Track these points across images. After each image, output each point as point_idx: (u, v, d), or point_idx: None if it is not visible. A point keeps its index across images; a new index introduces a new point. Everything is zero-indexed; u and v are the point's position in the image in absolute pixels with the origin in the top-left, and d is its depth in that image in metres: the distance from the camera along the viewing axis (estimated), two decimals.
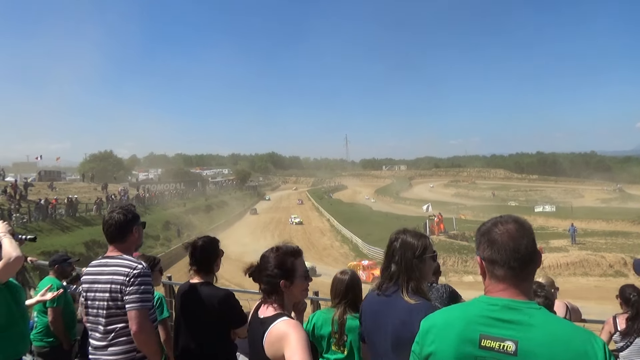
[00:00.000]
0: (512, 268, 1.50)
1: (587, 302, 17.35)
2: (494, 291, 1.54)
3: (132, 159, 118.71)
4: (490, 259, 1.55)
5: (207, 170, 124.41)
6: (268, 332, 2.14)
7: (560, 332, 1.40)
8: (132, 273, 2.70)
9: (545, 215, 57.95)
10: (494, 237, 1.54)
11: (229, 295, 3.05)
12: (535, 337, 1.39)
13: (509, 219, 1.58)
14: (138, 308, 2.66)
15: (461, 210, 64.74)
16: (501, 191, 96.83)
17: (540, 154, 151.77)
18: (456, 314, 1.58)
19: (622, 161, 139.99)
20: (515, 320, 1.44)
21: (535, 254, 1.54)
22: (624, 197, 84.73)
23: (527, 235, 1.53)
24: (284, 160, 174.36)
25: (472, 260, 31.33)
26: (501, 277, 1.52)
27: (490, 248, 1.54)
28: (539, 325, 1.41)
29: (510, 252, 1.50)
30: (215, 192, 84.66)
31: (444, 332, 1.55)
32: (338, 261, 36.68)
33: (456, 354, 1.49)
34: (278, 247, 2.31)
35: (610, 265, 30.06)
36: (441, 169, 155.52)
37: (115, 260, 2.80)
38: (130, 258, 2.81)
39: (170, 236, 46.05)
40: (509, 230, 1.53)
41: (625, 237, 40.12)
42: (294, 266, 2.25)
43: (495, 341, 1.43)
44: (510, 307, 1.46)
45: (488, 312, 1.48)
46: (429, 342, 1.58)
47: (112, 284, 2.71)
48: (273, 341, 2.11)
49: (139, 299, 2.68)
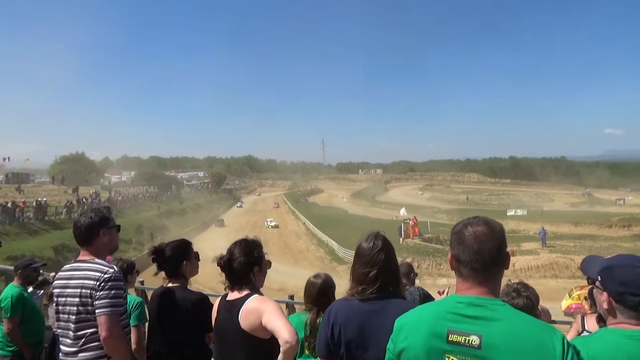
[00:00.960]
0: (474, 269, 1.61)
1: (556, 303, 17.75)
2: (461, 289, 1.66)
3: (105, 161, 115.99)
4: (457, 257, 1.67)
5: (182, 173, 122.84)
6: (243, 309, 2.41)
7: (522, 326, 1.50)
8: (103, 277, 2.64)
9: (517, 218, 59.06)
10: (462, 238, 1.65)
11: (203, 299, 3.00)
12: (498, 331, 1.49)
13: (480, 221, 1.67)
14: (108, 313, 2.61)
15: (436, 214, 65.51)
16: (475, 195, 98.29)
17: (512, 158, 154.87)
18: (427, 311, 1.69)
19: (590, 166, 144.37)
20: (480, 316, 1.54)
21: (501, 257, 1.63)
22: (592, 201, 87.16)
23: (495, 239, 1.62)
24: (260, 164, 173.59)
25: (446, 264, 31.66)
26: (465, 276, 1.65)
27: (458, 247, 1.66)
28: (502, 320, 1.51)
29: (473, 253, 1.61)
30: (190, 195, 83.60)
31: (415, 329, 1.65)
32: (314, 265, 36.58)
33: (426, 348, 1.59)
34: (245, 239, 2.66)
35: (578, 268, 30.74)
36: (416, 172, 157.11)
37: (87, 264, 2.73)
38: (101, 262, 2.75)
39: (143, 240, 45.13)
40: (476, 232, 1.63)
41: (593, 240, 41.28)
42: (261, 254, 2.63)
43: (461, 336, 1.53)
44: (475, 304, 1.57)
45: (455, 309, 1.59)
46: (402, 338, 1.69)
47: (83, 288, 2.65)
48: (249, 314, 2.38)
49: (109, 304, 2.62)
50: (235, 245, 2.62)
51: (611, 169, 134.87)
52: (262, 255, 2.64)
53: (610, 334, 1.68)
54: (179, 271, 3.07)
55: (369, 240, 2.35)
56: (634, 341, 1.61)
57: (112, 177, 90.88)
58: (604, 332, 1.74)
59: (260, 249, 2.66)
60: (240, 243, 2.62)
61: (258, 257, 2.61)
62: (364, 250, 2.33)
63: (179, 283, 3.06)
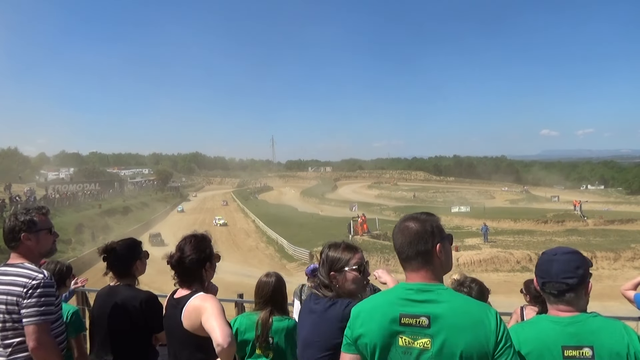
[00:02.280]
0: (405, 259, 1.85)
1: (496, 296, 18.48)
2: (409, 278, 1.87)
3: (41, 157, 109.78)
4: (395, 249, 1.90)
5: (125, 170, 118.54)
6: (185, 308, 2.40)
7: (463, 305, 1.76)
8: (31, 284, 2.46)
9: (460, 215, 61.23)
10: (396, 231, 1.90)
11: (151, 297, 2.88)
12: (443, 311, 1.72)
13: (412, 217, 1.90)
14: (36, 322, 2.43)
15: (384, 211, 66.76)
16: (421, 192, 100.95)
17: (456, 157, 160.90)
18: (380, 299, 1.88)
19: (528, 165, 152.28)
20: (428, 300, 1.76)
21: (427, 247, 1.82)
22: (529, 198, 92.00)
23: (423, 231, 1.83)
24: (208, 161, 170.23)
25: (393, 259, 32.41)
26: (403, 265, 1.88)
27: (395, 240, 1.90)
28: (446, 301, 1.75)
29: (403, 246, 1.85)
30: (134, 193, 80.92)
31: (370, 315, 1.83)
32: (263, 263, 36.39)
33: (381, 331, 1.77)
34: (194, 235, 2.62)
35: (517, 262, 32.49)
36: (365, 170, 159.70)
37: (15, 269, 2.54)
38: (31, 267, 2.55)
39: (83, 240, 43.20)
40: (407, 227, 1.86)
41: (531, 235, 43.58)
42: (211, 250, 2.61)
43: (413, 318, 1.74)
44: (423, 290, 1.79)
45: (406, 295, 1.80)
46: (359, 325, 1.85)
47: (9, 295, 2.46)
48: (190, 313, 2.37)
49: (37, 312, 2.44)
50: (185, 242, 2.57)
51: (547, 167, 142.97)
52: (212, 251, 2.62)
53: (541, 320, 1.93)
54: (130, 270, 2.96)
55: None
56: (560, 326, 1.85)
57: (49, 173, 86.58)
58: (537, 318, 2.00)
59: (210, 243, 2.63)
60: (190, 240, 2.58)
61: (209, 253, 2.59)
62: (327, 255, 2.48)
63: (128, 282, 2.95)
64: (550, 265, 1.92)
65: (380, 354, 1.78)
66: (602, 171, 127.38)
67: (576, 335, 1.80)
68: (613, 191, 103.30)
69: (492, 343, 1.68)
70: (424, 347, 1.71)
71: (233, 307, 5.52)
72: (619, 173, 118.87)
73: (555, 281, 1.88)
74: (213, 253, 2.63)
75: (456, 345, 1.67)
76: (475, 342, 1.67)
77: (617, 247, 34.04)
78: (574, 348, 1.78)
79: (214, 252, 2.65)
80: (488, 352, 1.67)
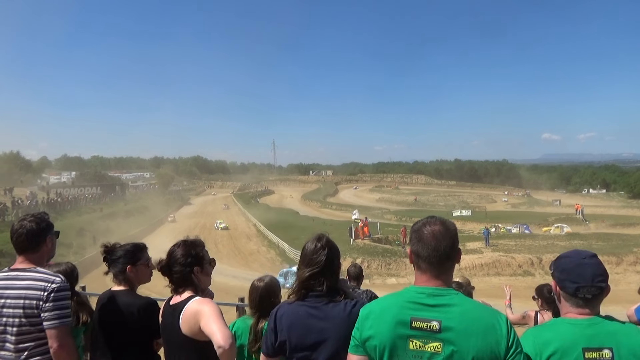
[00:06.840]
0: (432, 263, 1.86)
1: (499, 300, 18.44)
2: (420, 282, 1.89)
3: (43, 161, 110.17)
4: (416, 253, 1.90)
5: (127, 173, 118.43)
6: (183, 312, 2.39)
7: (474, 310, 1.78)
8: (50, 287, 2.50)
9: (462, 219, 61.01)
10: (421, 235, 1.89)
11: (150, 304, 2.87)
12: (454, 316, 1.75)
13: (437, 221, 1.92)
14: (58, 325, 2.49)
15: (385, 215, 66.72)
16: (422, 196, 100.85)
17: (458, 161, 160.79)
18: (390, 301, 1.89)
19: (529, 169, 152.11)
20: (440, 304, 1.79)
21: (454, 253, 1.88)
22: (531, 201, 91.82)
23: (449, 237, 1.88)
24: (209, 164, 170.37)
25: (394, 263, 32.40)
26: (423, 269, 1.88)
27: (417, 244, 1.89)
28: (457, 306, 1.78)
29: (432, 250, 1.85)
30: (135, 197, 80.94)
31: (380, 317, 1.84)
32: (264, 266, 36.31)
33: (391, 334, 1.79)
34: (185, 241, 2.61)
35: (519, 266, 32.35)
36: (366, 174, 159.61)
37: (28, 273, 2.56)
38: (45, 271, 2.59)
39: (84, 243, 43.13)
40: (434, 231, 1.87)
41: (532, 239, 43.38)
42: (202, 254, 2.59)
43: (424, 322, 1.76)
44: (435, 294, 1.82)
45: (417, 299, 1.82)
46: (368, 326, 1.86)
47: (26, 299, 2.48)
48: (189, 318, 2.37)
49: (58, 315, 2.50)
50: (175, 247, 2.58)
51: (548, 171, 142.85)
52: (203, 255, 2.59)
53: (560, 323, 1.94)
54: (124, 275, 2.94)
55: (312, 241, 2.34)
56: (579, 329, 1.86)
57: (51, 177, 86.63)
58: (555, 321, 1.99)
59: (201, 248, 2.61)
60: (179, 245, 2.58)
61: (198, 258, 2.56)
62: (307, 251, 2.33)
63: (126, 288, 2.94)
64: (583, 269, 1.91)
65: (390, 357, 1.80)
66: (603, 175, 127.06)
67: (596, 337, 1.83)
68: (615, 195, 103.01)
69: (503, 349, 1.71)
70: (434, 351, 1.74)
71: (234, 311, 5.51)
72: (621, 177, 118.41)
73: (590, 285, 1.88)
74: (205, 257, 2.60)
75: (467, 351, 1.70)
76: (487, 348, 1.70)
77: (619, 251, 33.87)
78: (594, 350, 1.80)
79: (209, 257, 2.64)
80: (499, 358, 1.70)
